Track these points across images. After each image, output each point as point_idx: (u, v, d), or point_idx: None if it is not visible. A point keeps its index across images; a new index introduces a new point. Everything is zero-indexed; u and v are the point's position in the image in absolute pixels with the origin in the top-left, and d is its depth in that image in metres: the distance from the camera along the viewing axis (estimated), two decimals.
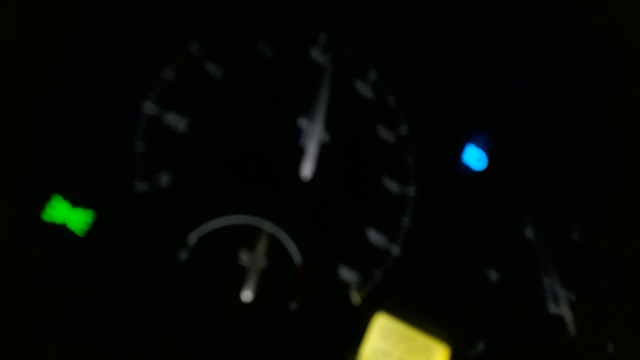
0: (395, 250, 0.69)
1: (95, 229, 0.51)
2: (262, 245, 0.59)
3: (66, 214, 0.49)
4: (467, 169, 0.78)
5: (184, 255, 0.55)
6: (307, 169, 0.62)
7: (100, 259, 0.51)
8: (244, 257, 0.58)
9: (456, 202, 0.76)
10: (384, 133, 0.72)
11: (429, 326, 0.68)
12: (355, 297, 0.65)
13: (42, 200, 0.48)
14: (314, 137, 0.63)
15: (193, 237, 0.56)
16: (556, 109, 0.85)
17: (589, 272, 0.86)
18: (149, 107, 0.56)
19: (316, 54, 0.67)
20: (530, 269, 0.81)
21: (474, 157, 0.79)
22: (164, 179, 0.55)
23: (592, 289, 0.86)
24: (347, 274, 0.65)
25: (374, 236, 0.68)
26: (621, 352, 0.84)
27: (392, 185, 0.71)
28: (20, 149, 0.48)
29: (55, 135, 0.50)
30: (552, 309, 0.80)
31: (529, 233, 0.83)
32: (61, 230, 0.49)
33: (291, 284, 0.61)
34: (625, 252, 0.90)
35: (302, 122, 0.64)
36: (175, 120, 0.57)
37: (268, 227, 0.60)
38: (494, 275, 0.77)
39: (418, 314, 0.68)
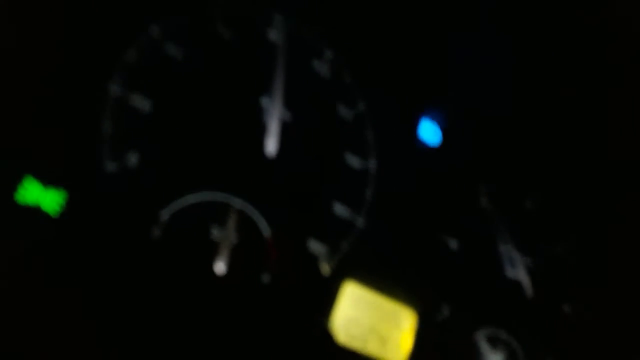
0: (360, 222, 0.72)
1: (68, 209, 0.51)
2: (232, 221, 0.61)
3: (39, 195, 0.50)
4: (423, 144, 0.83)
5: (156, 232, 0.56)
6: (271, 146, 0.65)
7: (74, 239, 0.52)
8: (215, 232, 0.60)
9: (415, 175, 0.80)
10: (343, 111, 0.75)
11: (395, 293, 0.72)
12: (325, 268, 0.67)
13: (14, 181, 0.49)
14: (274, 115, 0.65)
15: (165, 214, 0.57)
16: (508, 84, 0.90)
17: (544, 238, 0.92)
18: (114, 89, 0.57)
19: (273, 35, 0.70)
20: (487, 237, 0.85)
21: (430, 132, 0.83)
22: (133, 159, 0.57)
23: (547, 254, 0.91)
24: (315, 246, 0.67)
25: (340, 209, 0.71)
26: (576, 312, 0.90)
27: (354, 161, 0.74)
28: None
29: (24, 118, 0.50)
30: (510, 273, 0.85)
31: (484, 203, 0.87)
32: (35, 212, 0.49)
33: (262, 257, 0.63)
34: (577, 218, 0.96)
35: (264, 101, 0.67)
36: (141, 102, 0.58)
37: (237, 203, 0.62)
38: (453, 244, 0.81)
39: (385, 282, 0.71)
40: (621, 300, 0.91)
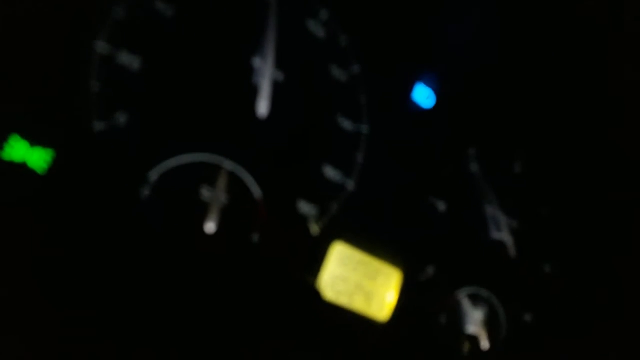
0: (350, 184, 0.72)
1: (55, 167, 0.51)
2: (222, 182, 0.62)
3: (25, 153, 0.50)
4: (416, 107, 0.82)
5: (145, 192, 0.57)
6: (262, 108, 0.64)
7: (62, 196, 0.52)
8: (206, 193, 0.60)
9: (406, 138, 0.80)
10: (337, 72, 0.74)
11: (382, 253, 0.74)
12: (314, 229, 0.69)
13: (0, 140, 0.49)
14: (266, 75, 0.64)
15: (154, 174, 0.58)
16: (500, 50, 0.89)
17: (529, 201, 0.94)
18: (102, 47, 0.55)
19: None
20: (475, 199, 0.87)
21: (423, 96, 0.83)
22: (122, 118, 0.56)
23: (532, 216, 0.94)
24: (305, 208, 0.68)
25: (330, 172, 0.71)
26: (556, 272, 0.93)
27: (346, 124, 0.74)
28: None
29: (10, 76, 0.49)
30: (495, 234, 0.87)
31: (473, 167, 0.88)
32: (22, 168, 0.49)
33: (253, 218, 0.64)
34: (561, 182, 0.97)
35: (256, 61, 0.66)
36: (129, 59, 0.57)
37: (228, 164, 0.63)
38: (441, 206, 0.83)
39: (372, 242, 0.73)
40: (599, 261, 0.94)
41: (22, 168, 0.49)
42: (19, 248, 0.49)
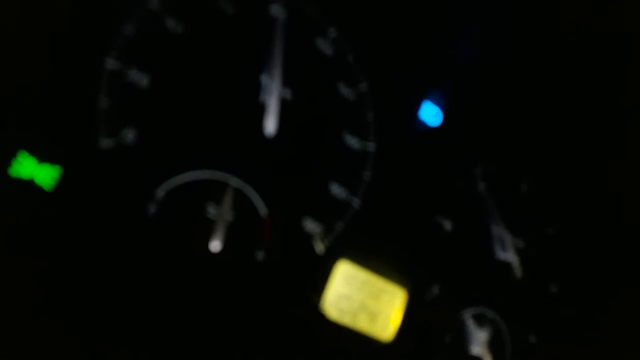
0: (357, 203, 0.72)
1: (63, 184, 0.51)
2: (228, 199, 0.61)
3: (33, 170, 0.50)
4: (423, 125, 0.82)
5: (152, 209, 0.57)
6: (270, 126, 0.64)
7: (69, 214, 0.52)
8: (212, 210, 0.60)
9: (413, 157, 0.80)
10: (345, 90, 0.74)
11: (388, 272, 0.73)
12: (319, 247, 0.68)
13: (8, 157, 0.49)
14: (273, 93, 0.64)
15: (161, 192, 0.57)
16: (509, 69, 0.89)
17: (536, 221, 0.93)
18: (111, 64, 0.56)
19: (277, 11, 0.68)
20: (481, 219, 0.86)
21: (431, 114, 0.83)
22: (130, 135, 0.56)
23: (539, 237, 0.93)
24: (311, 226, 0.68)
25: (337, 190, 0.71)
26: (562, 292, 0.92)
27: (353, 142, 0.73)
28: None
29: (20, 92, 0.49)
30: (501, 254, 0.86)
31: (480, 186, 0.88)
32: (29, 185, 0.49)
33: (258, 235, 0.64)
34: (569, 202, 0.97)
35: (264, 79, 0.66)
36: (138, 77, 0.57)
37: (234, 181, 0.62)
38: (448, 225, 0.82)
39: (378, 262, 0.72)
40: (606, 282, 0.93)
41: (29, 185, 0.49)
42: (24, 265, 0.49)
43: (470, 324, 0.80)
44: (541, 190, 0.95)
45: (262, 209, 0.64)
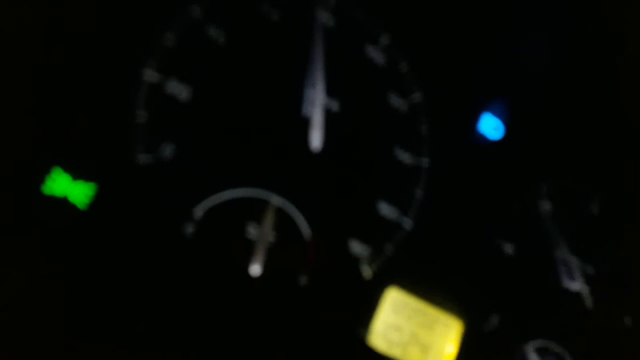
0: (408, 223, 0.67)
1: (97, 202, 0.49)
2: (269, 219, 0.58)
3: (67, 187, 0.48)
4: (482, 139, 0.76)
5: (189, 229, 0.54)
6: (315, 140, 0.60)
7: (102, 232, 0.50)
8: (252, 230, 0.57)
9: (471, 173, 0.74)
10: (396, 101, 0.69)
11: (441, 300, 0.68)
12: (366, 271, 0.64)
13: (42, 173, 0.47)
14: (316, 104, 0.60)
15: (199, 211, 0.54)
16: (576, 79, 0.82)
17: (607, 245, 0.85)
18: (150, 75, 0.53)
19: (324, 17, 0.64)
20: (545, 242, 0.79)
21: (491, 126, 0.77)
22: (168, 150, 0.54)
23: (610, 262, 0.84)
24: (357, 248, 0.64)
25: (386, 209, 0.66)
26: (637, 325, 0.83)
27: (405, 157, 0.69)
28: (21, 121, 0.46)
29: (55, 107, 0.48)
30: (567, 282, 0.79)
31: (545, 205, 0.81)
32: (62, 203, 0.47)
33: (300, 258, 0.60)
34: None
35: (310, 90, 0.62)
36: (178, 89, 0.55)
37: (276, 200, 0.59)
38: (509, 248, 0.76)
39: (430, 288, 0.67)
40: None
41: (63, 202, 0.47)
42: (57, 286, 0.47)
43: (534, 358, 0.73)
44: (613, 211, 0.86)
45: (305, 230, 0.60)
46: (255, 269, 0.55)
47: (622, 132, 0.86)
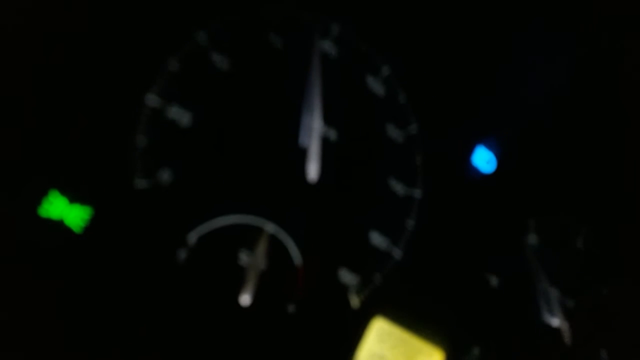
0: (397, 253, 0.67)
1: (92, 225, 0.49)
2: (262, 246, 0.58)
3: (63, 210, 0.47)
4: (475, 172, 0.77)
5: (182, 254, 0.54)
6: (312, 172, 0.60)
7: (96, 256, 0.49)
8: (244, 257, 0.57)
9: (461, 205, 0.74)
10: (393, 132, 0.69)
11: (425, 330, 0.68)
12: (354, 301, 0.64)
13: (39, 196, 0.46)
14: (314, 134, 0.60)
15: (193, 236, 0.54)
16: (568, 116, 0.83)
17: (589, 279, 0.86)
18: (152, 100, 0.53)
19: (327, 47, 0.64)
20: (530, 275, 0.80)
21: (484, 160, 0.77)
22: (165, 175, 0.53)
23: (591, 297, 0.86)
24: (347, 277, 0.64)
25: (377, 239, 0.66)
26: (614, 358, 0.85)
27: (398, 187, 0.69)
28: (18, 142, 0.46)
29: (53, 129, 0.47)
30: (547, 317, 0.80)
31: (532, 239, 0.81)
32: (58, 226, 0.47)
33: (290, 285, 0.60)
34: (626, 260, 0.89)
35: (304, 118, 0.62)
36: (179, 114, 0.54)
37: (269, 227, 0.59)
38: (494, 281, 0.76)
39: (415, 318, 0.67)
40: None
41: (58, 226, 0.47)
42: (50, 309, 0.47)
43: None
44: (598, 246, 0.87)
45: (297, 257, 0.60)
46: (245, 299, 0.55)
47: (609, 169, 0.87)
